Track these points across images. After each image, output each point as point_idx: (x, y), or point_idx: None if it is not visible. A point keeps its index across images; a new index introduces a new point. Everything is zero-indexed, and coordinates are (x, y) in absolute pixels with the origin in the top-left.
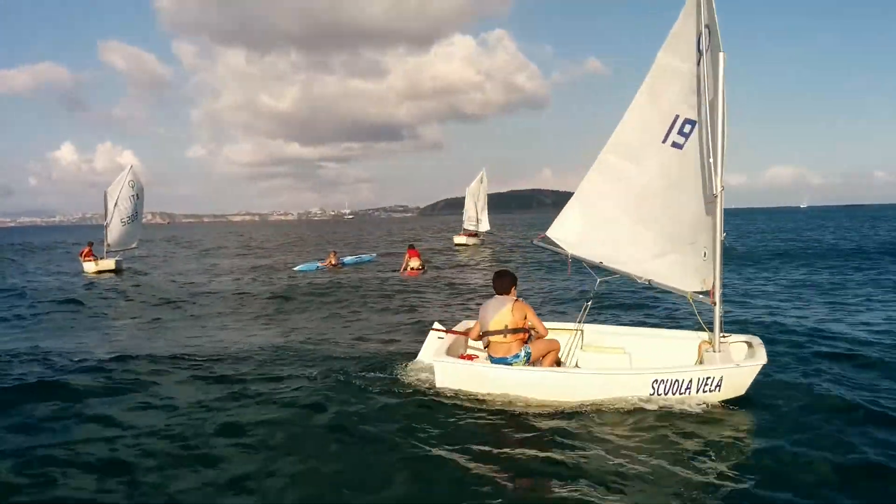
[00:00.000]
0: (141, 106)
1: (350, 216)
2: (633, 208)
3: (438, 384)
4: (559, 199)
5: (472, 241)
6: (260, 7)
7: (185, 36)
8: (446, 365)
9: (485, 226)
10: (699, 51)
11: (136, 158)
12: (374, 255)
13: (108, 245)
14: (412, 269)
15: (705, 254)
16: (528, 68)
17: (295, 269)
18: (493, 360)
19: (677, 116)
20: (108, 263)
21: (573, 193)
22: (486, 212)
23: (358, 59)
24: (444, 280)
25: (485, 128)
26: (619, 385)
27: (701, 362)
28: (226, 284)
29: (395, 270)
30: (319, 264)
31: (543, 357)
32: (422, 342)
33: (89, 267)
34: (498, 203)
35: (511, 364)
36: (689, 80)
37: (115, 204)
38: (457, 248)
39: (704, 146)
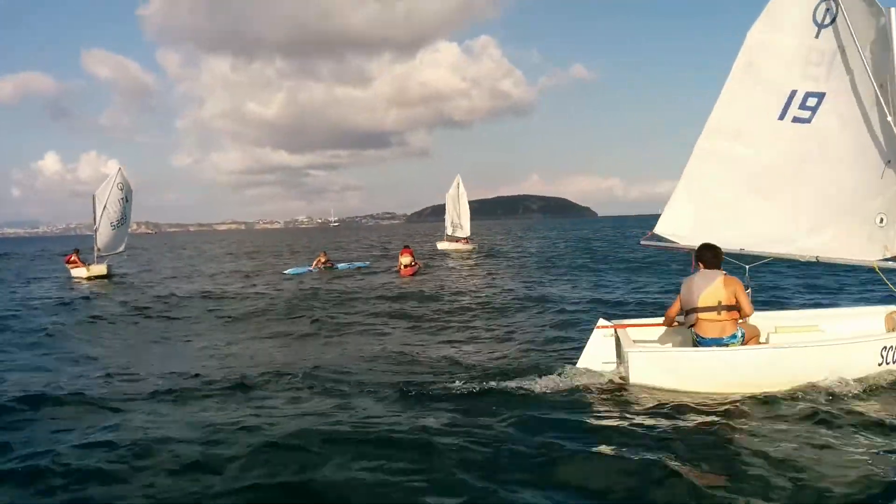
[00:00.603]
0: (126, 115)
1: (335, 223)
2: (758, 189)
3: (633, 380)
4: (547, 205)
5: (456, 246)
6: (246, 15)
7: (170, 44)
8: (648, 355)
9: (465, 231)
10: (817, 23)
11: (121, 167)
12: (368, 262)
13: (98, 249)
14: (405, 266)
15: (882, 220)
16: (514, 74)
17: (286, 272)
18: (704, 342)
19: (794, 91)
20: (100, 269)
21: (561, 199)
22: (468, 217)
23: (345, 67)
24: (458, 285)
25: (472, 134)
26: (851, 357)
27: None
28: (220, 289)
29: (391, 270)
30: (310, 267)
31: (748, 341)
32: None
33: (79, 272)
34: (484, 209)
35: (727, 346)
36: (805, 54)
37: (104, 207)
38: (442, 253)
39: (860, 112)
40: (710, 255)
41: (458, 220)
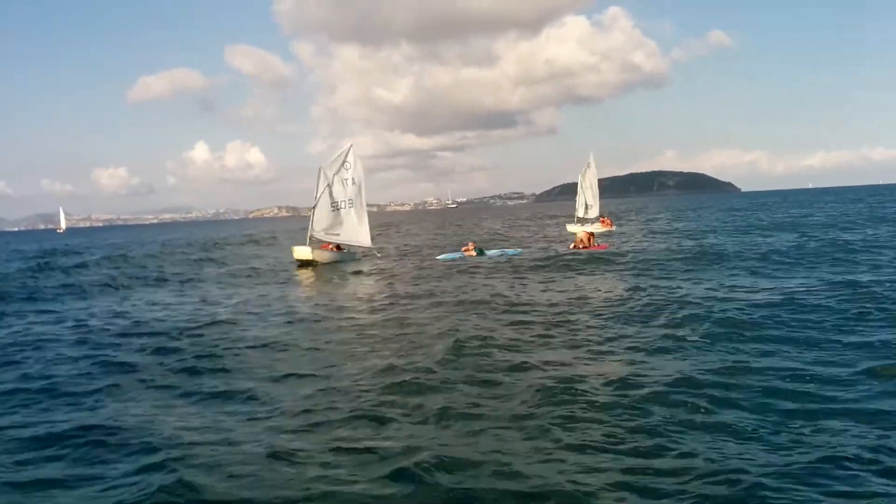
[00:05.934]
0: (265, 105)
1: (453, 205)
2: None
3: None
4: (683, 181)
5: (590, 228)
6: (373, 3)
7: (304, 36)
8: None
9: (594, 212)
10: None
11: (262, 154)
12: (520, 249)
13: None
14: (580, 240)
15: None
16: (647, 45)
17: (439, 258)
18: None
19: None
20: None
21: (699, 174)
22: (598, 197)
23: (470, 48)
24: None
25: (601, 109)
26: None
27: None
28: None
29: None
30: (462, 253)
31: None
32: None
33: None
34: (616, 186)
35: None
36: None
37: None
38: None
39: None
40: None
41: (590, 199)
